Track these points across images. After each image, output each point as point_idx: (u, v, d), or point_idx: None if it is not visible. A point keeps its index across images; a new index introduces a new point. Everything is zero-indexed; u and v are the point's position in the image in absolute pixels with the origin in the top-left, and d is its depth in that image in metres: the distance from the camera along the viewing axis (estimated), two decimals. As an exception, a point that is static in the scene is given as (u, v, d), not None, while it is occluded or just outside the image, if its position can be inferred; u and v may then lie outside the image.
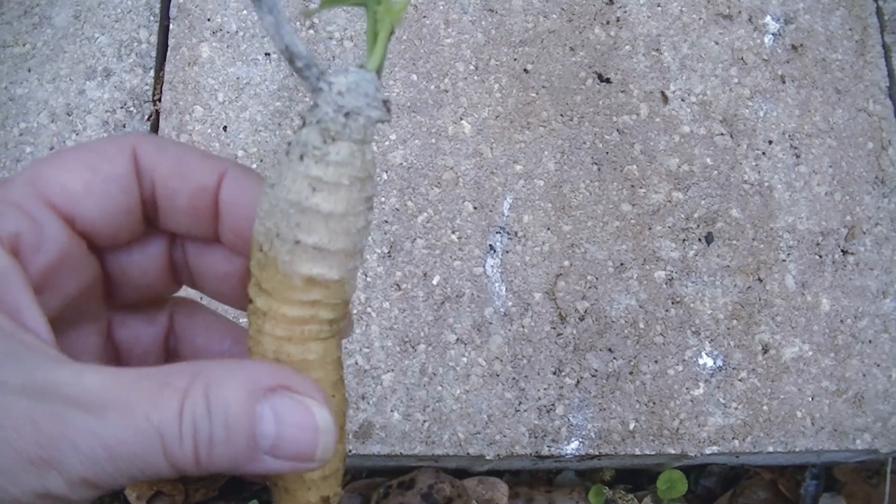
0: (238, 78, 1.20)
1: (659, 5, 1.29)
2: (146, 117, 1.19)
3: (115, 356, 0.51)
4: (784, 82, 1.27)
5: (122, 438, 0.36)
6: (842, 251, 1.21)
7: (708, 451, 1.14)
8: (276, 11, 0.39)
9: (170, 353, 0.53)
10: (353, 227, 0.43)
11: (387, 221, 1.16)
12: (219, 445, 0.38)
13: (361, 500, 1.24)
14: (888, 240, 1.22)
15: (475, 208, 1.18)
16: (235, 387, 0.39)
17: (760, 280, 1.19)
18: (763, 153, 1.24)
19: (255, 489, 1.25)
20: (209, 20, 1.23)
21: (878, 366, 1.18)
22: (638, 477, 1.31)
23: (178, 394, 0.37)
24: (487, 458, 1.11)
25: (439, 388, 1.12)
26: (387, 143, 1.19)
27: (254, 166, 1.16)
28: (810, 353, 1.18)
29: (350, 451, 1.10)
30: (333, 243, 0.42)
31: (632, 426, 1.14)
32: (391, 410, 1.11)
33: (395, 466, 1.21)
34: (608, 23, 1.27)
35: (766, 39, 1.29)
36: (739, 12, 1.29)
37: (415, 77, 1.22)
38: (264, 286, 0.43)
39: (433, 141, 1.19)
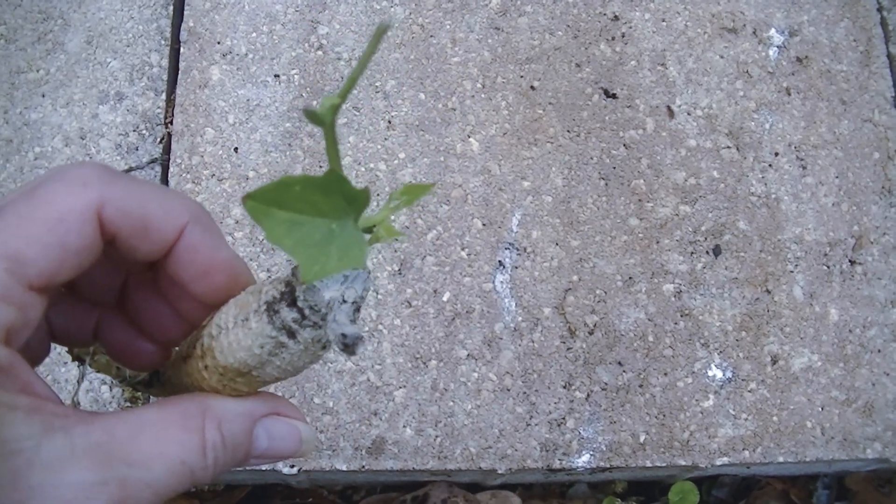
0: (248, 100, 1.22)
1: (664, 20, 1.30)
2: (158, 140, 1.20)
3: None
4: (789, 94, 1.28)
5: (166, 482, 0.44)
6: (849, 261, 1.22)
7: (718, 463, 1.15)
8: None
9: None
10: None
11: (397, 239, 1.17)
12: (227, 463, 0.48)
13: (375, 515, 1.25)
14: (895, 249, 1.23)
15: (484, 225, 1.19)
16: (241, 420, 0.49)
17: (768, 291, 1.20)
18: (769, 165, 1.25)
19: (272, 506, 1.27)
20: (219, 43, 1.24)
21: (888, 375, 1.19)
22: (650, 489, 1.32)
23: (199, 434, 0.46)
24: (499, 472, 1.12)
25: (451, 403, 1.13)
26: (396, 161, 1.20)
27: (265, 187, 1.18)
28: (819, 363, 1.18)
29: (363, 466, 1.11)
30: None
31: (642, 438, 1.14)
32: (403, 426, 1.13)
33: (409, 481, 1.23)
34: (613, 38, 1.28)
35: (770, 52, 1.30)
36: (744, 26, 1.31)
37: (422, 96, 1.23)
38: (245, 383, 0.49)
39: (441, 159, 1.21)
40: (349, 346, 0.43)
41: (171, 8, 1.27)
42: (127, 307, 0.56)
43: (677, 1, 1.31)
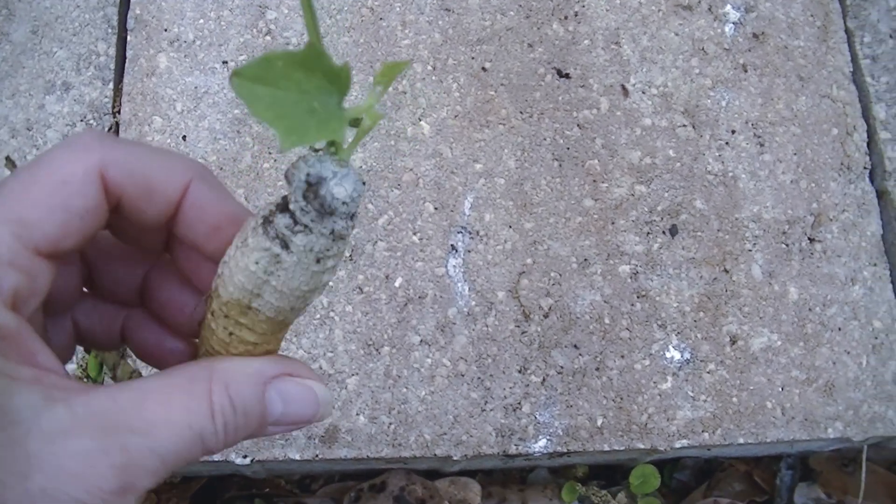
0: (196, 87, 1.20)
1: (618, -2, 1.28)
2: (106, 130, 1.19)
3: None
4: (746, 71, 1.26)
5: (173, 449, 0.43)
6: (809, 239, 1.20)
7: (678, 445, 1.13)
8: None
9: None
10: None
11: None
12: (240, 430, 0.46)
13: (331, 505, 1.24)
14: (855, 226, 1.21)
15: (436, 209, 1.17)
16: (250, 381, 0.47)
17: (726, 271, 1.18)
18: (726, 143, 1.23)
19: (226, 497, 1.25)
20: (166, 30, 1.23)
21: (848, 353, 1.17)
22: (612, 473, 1.30)
23: (206, 397, 0.45)
24: (455, 458, 1.11)
25: (404, 389, 1.12)
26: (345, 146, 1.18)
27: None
28: (779, 342, 1.17)
29: (317, 455, 1.10)
30: (319, 297, 0.48)
31: (599, 422, 1.13)
32: (357, 414, 1.11)
33: (367, 469, 1.21)
34: (566, 18, 1.27)
35: (726, 29, 1.28)
36: (699, 2, 1.29)
37: (372, 79, 1.22)
38: (249, 325, 0.48)
39: (392, 143, 1.19)
40: (312, 185, 0.43)
41: (118, -5, 1.25)
42: (151, 303, 0.56)
43: (630, -22, 1.30)
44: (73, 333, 0.55)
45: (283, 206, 0.44)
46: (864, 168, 1.24)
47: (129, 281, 0.56)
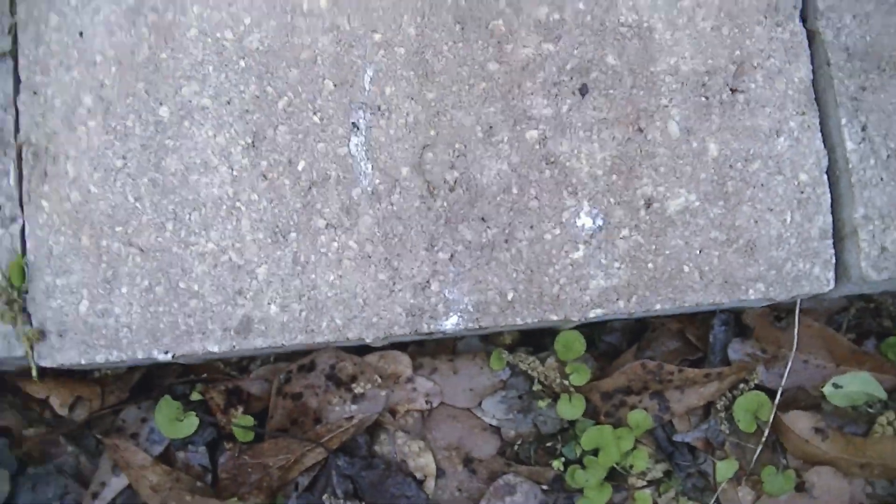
0: (88, -22, 1.18)
1: None
2: (6, 31, 1.18)
3: None
4: None
5: None
6: (731, 90, 1.13)
7: (591, 315, 1.12)
8: None
9: None
10: None
11: (248, 111, 1.14)
12: None
13: (265, 387, 1.26)
14: (781, 73, 1.13)
15: (335, 86, 1.14)
16: None
17: (641, 130, 1.13)
18: (642, -10, 1.15)
19: (166, 384, 1.29)
20: (53, -80, 1.19)
21: (772, 210, 1.11)
22: (541, 337, 1.29)
23: None
24: (367, 341, 1.12)
25: (313, 275, 1.12)
26: (242, 28, 1.15)
27: (112, 70, 1.15)
28: (697, 203, 1.12)
29: (234, 346, 1.12)
30: None
31: (510, 296, 1.12)
32: (268, 303, 1.12)
33: (302, 349, 1.23)
34: None
35: None
36: None
37: None
38: None
39: (288, 19, 1.15)
40: None
41: None
42: None
43: None
44: None
45: None
46: (794, 8, 1.14)
47: None
